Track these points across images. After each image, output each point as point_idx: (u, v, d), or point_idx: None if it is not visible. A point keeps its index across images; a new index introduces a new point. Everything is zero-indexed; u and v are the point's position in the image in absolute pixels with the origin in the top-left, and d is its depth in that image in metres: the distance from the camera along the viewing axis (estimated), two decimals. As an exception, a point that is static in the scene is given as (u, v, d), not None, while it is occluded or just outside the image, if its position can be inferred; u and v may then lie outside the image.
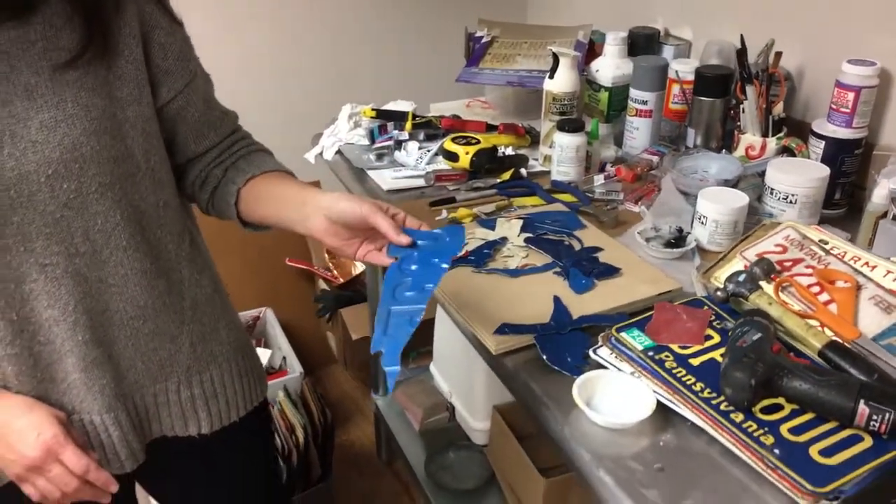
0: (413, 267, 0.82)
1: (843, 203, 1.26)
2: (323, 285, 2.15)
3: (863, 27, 1.25)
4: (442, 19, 2.02)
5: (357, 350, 2.05)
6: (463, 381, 1.69)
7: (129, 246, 0.81)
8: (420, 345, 1.89)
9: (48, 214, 0.74)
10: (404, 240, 0.81)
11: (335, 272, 2.14)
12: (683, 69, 1.42)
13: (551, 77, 1.39)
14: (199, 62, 0.87)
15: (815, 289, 0.91)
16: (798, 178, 1.16)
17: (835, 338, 0.85)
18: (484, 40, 1.68)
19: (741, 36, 1.28)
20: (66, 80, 0.72)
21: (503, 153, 1.43)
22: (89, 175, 0.75)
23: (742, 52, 1.28)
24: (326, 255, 2.17)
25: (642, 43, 1.55)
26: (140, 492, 1.05)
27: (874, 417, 0.73)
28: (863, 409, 0.73)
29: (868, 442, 0.74)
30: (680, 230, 1.17)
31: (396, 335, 0.77)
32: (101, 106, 0.75)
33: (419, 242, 0.83)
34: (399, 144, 1.49)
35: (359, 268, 2.09)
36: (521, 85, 1.52)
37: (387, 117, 1.53)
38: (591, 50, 1.60)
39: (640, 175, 1.37)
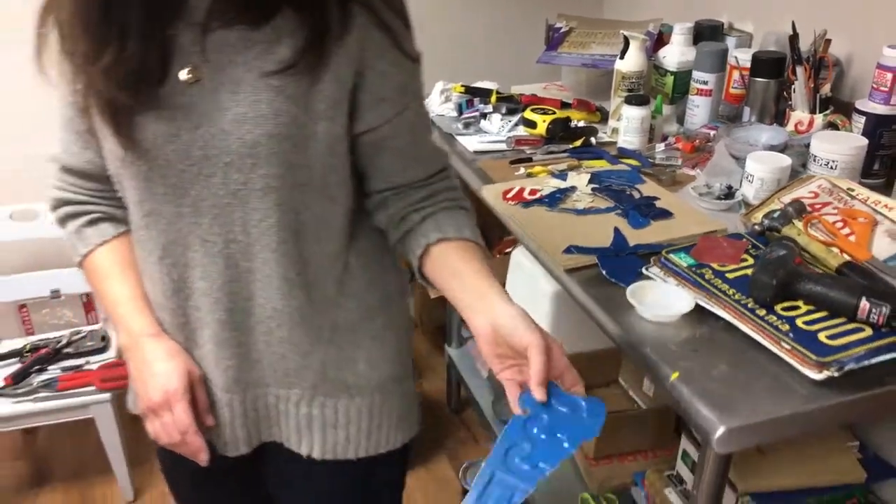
0: (537, 431, 0.76)
1: (881, 174, 1.40)
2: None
3: (906, 17, 1.40)
4: (525, 12, 2.24)
5: (433, 310, 2.27)
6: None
7: (278, 250, 0.83)
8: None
9: (218, 197, 0.80)
10: (538, 395, 0.75)
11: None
12: (743, 57, 1.59)
13: (622, 58, 1.59)
14: (421, 100, 0.88)
15: (839, 224, 1.08)
16: (838, 146, 1.31)
17: (850, 259, 1.02)
18: (562, 30, 1.89)
19: (793, 23, 1.44)
20: (269, 84, 0.76)
21: (575, 125, 1.63)
22: (258, 174, 0.78)
23: (794, 38, 1.45)
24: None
25: (707, 34, 1.72)
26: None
27: (873, 311, 0.90)
28: (864, 304, 0.90)
29: (868, 332, 0.91)
30: (729, 187, 1.35)
31: None
32: (292, 114, 0.77)
33: (555, 404, 0.77)
34: (484, 116, 1.71)
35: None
36: (594, 66, 1.72)
37: (474, 93, 1.76)
38: (660, 40, 1.78)
39: (698, 146, 1.54)
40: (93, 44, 0.75)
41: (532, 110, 1.60)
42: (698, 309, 1.02)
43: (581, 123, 1.65)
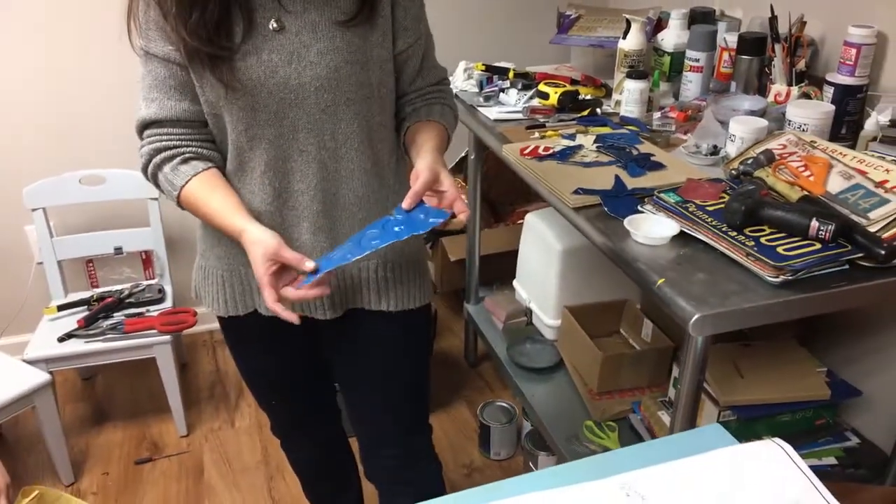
0: (389, 226, 1.00)
1: (848, 137, 1.61)
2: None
3: (870, 1, 1.62)
4: (538, 1, 2.47)
5: (452, 272, 2.50)
6: (539, 290, 2.12)
7: (359, 149, 1.09)
8: (506, 277, 2.33)
9: (311, 115, 1.04)
10: (405, 203, 1.00)
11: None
12: (731, 39, 1.81)
13: (624, 38, 1.81)
14: (427, 24, 1.15)
15: (801, 168, 1.30)
16: (810, 112, 1.53)
17: (807, 194, 1.24)
18: (572, 17, 2.11)
19: (771, 6, 1.66)
20: (339, 23, 1.02)
21: (583, 97, 1.86)
22: (342, 91, 1.04)
23: (773, 20, 1.66)
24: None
25: (700, 19, 1.94)
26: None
27: (822, 229, 1.12)
28: (814, 223, 1.12)
29: (818, 246, 1.13)
30: (715, 147, 1.57)
31: (333, 264, 1.00)
32: (357, 44, 1.03)
33: (417, 212, 1.00)
34: (502, 90, 1.93)
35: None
36: (600, 46, 1.95)
37: (493, 71, 1.99)
38: (659, 25, 2.00)
39: (690, 115, 1.76)
40: (181, 7, 0.95)
41: (545, 84, 1.82)
42: (682, 235, 1.24)
43: (588, 97, 1.88)
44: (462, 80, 2.01)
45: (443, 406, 2.30)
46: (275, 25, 1.00)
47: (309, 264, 1.00)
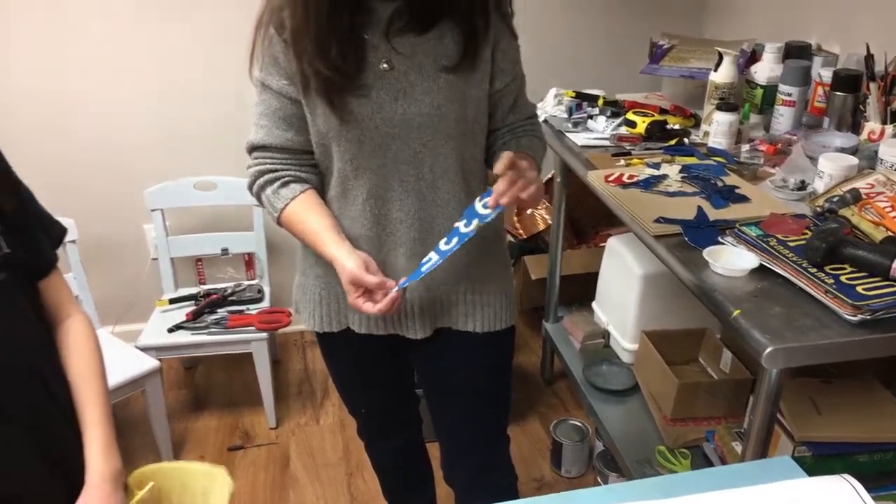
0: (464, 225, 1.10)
1: (945, 178, 1.60)
2: (510, 239, 2.68)
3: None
4: (631, 30, 2.52)
5: (533, 290, 2.56)
6: (618, 313, 2.16)
7: (454, 180, 1.17)
8: (585, 298, 2.38)
9: (412, 148, 1.13)
10: (491, 202, 1.07)
11: (520, 229, 2.67)
12: (826, 74, 1.81)
13: (715, 70, 1.84)
14: (521, 65, 1.23)
15: (888, 208, 1.31)
16: (902, 151, 1.52)
17: (892, 234, 1.25)
18: (665, 47, 2.15)
19: (867, 44, 1.66)
20: (443, 68, 1.11)
21: (671, 127, 1.89)
22: (442, 127, 1.12)
23: (869, 58, 1.66)
24: (514, 218, 2.71)
25: (795, 53, 1.94)
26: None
27: (903, 271, 1.13)
28: (895, 266, 1.13)
29: (898, 288, 1.14)
30: (803, 182, 1.58)
31: (412, 278, 1.11)
32: (458, 85, 1.12)
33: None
34: (590, 117, 2.00)
35: (540, 225, 2.61)
36: (691, 77, 1.98)
37: (583, 98, 2.05)
38: (753, 57, 2.02)
39: (780, 149, 1.77)
40: (314, 45, 1.06)
41: (634, 112, 1.88)
42: (761, 269, 1.27)
43: (676, 126, 1.91)
44: (552, 106, 2.08)
45: (516, 420, 2.36)
46: (385, 66, 1.10)
47: (390, 283, 1.11)
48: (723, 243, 1.35)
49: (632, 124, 1.86)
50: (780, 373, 1.16)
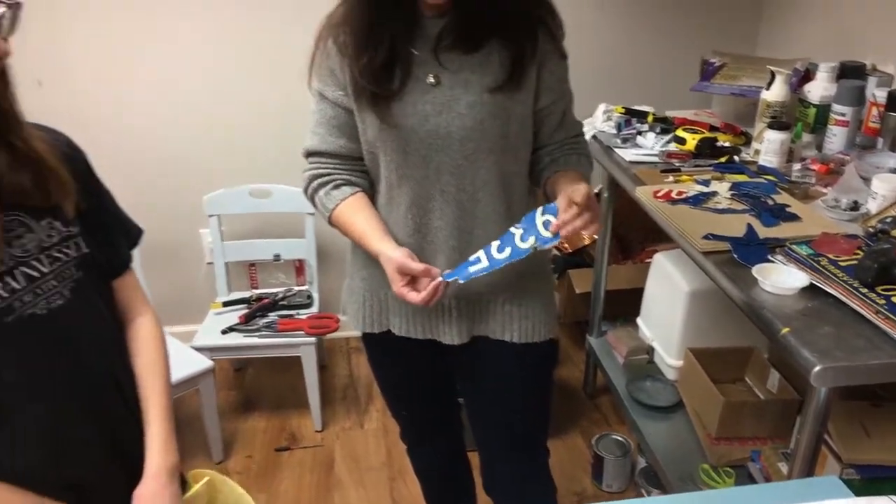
0: (521, 237, 1.12)
1: None
2: (555, 252, 2.70)
3: None
4: (681, 48, 2.52)
5: (577, 304, 2.58)
6: (663, 329, 2.16)
7: (494, 193, 1.20)
8: (629, 314, 2.38)
9: (454, 160, 1.16)
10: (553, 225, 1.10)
11: (566, 243, 2.69)
12: (881, 94, 1.79)
13: (767, 89, 1.84)
14: (569, 83, 1.25)
15: (944, 230, 1.30)
16: (961, 173, 1.51)
17: (948, 257, 1.23)
18: (716, 65, 2.16)
19: (925, 64, 1.64)
20: (488, 87, 1.14)
21: (721, 144, 1.90)
22: (484, 141, 1.15)
23: (927, 78, 1.65)
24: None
25: (849, 73, 1.93)
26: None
27: (958, 293, 1.12)
28: (950, 287, 1.13)
29: (952, 310, 1.13)
30: (855, 203, 1.57)
31: (458, 276, 1.14)
32: (502, 102, 1.14)
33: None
34: (639, 133, 2.01)
35: (586, 240, 2.62)
36: (742, 95, 1.98)
37: (633, 114, 2.07)
38: (806, 76, 2.01)
39: (832, 169, 1.76)
40: (359, 51, 1.12)
41: (683, 129, 1.89)
42: (811, 288, 1.27)
43: (727, 144, 1.92)
44: (601, 122, 2.10)
45: (558, 434, 2.37)
46: (432, 80, 1.14)
47: (434, 272, 1.15)
48: (772, 261, 1.35)
49: (681, 141, 1.87)
50: (828, 392, 1.16)
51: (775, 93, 1.83)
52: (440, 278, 1.15)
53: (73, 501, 0.92)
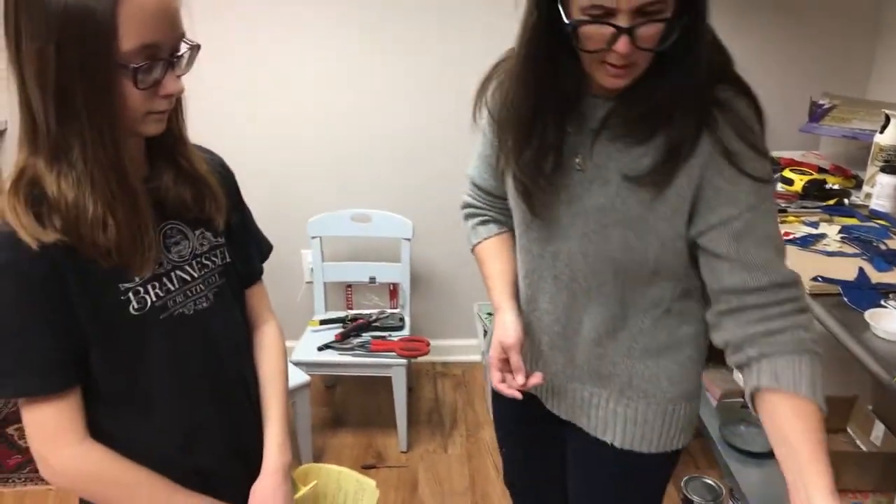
0: None
1: None
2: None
3: None
4: (790, 87, 2.47)
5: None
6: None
7: (608, 295, 1.06)
8: (720, 354, 2.32)
9: (572, 250, 1.05)
10: None
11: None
12: None
13: (881, 132, 1.80)
14: (757, 212, 0.93)
15: None
16: None
17: None
18: (825, 106, 2.12)
19: None
20: (629, 185, 0.97)
21: (830, 187, 1.86)
22: (604, 242, 1.01)
23: None
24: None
25: (972, 117, 1.86)
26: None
27: None
28: None
29: None
30: (977, 251, 1.51)
31: None
32: (638, 211, 0.97)
33: None
34: (744, 173, 1.99)
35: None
36: (854, 137, 1.94)
37: (736, 154, 2.05)
38: (922, 120, 1.95)
39: (951, 216, 1.70)
40: (518, 145, 1.03)
41: (791, 170, 1.86)
42: (930, 335, 1.23)
43: (836, 187, 1.87)
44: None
45: (644, 473, 2.32)
46: (578, 165, 1.02)
47: (520, 380, 1.06)
48: (886, 307, 1.32)
49: (789, 182, 1.84)
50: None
51: (890, 136, 1.78)
52: (536, 380, 1.08)
53: (199, 487, 1.00)
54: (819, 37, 2.43)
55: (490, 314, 2.67)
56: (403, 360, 2.32)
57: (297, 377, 2.22)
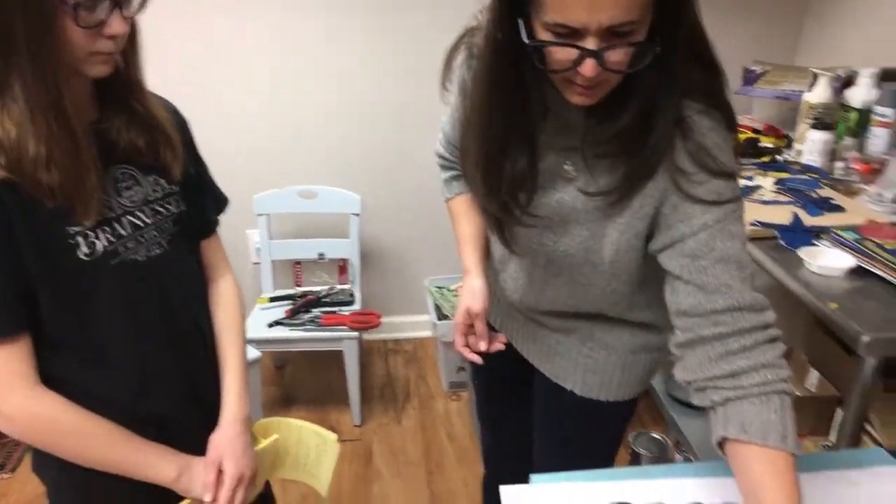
0: None
1: None
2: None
3: None
4: (723, 57, 2.57)
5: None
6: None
7: (566, 283, 1.08)
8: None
9: (530, 240, 1.05)
10: None
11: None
12: (924, 98, 1.83)
13: (810, 90, 1.88)
14: (710, 232, 0.87)
15: None
16: None
17: None
18: (757, 72, 2.20)
19: (968, 64, 1.68)
20: (586, 199, 0.96)
21: (764, 146, 1.94)
22: (561, 243, 1.02)
23: (970, 78, 1.68)
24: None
25: (891, 78, 1.96)
26: None
27: None
28: None
29: None
30: (899, 197, 1.60)
31: None
32: (592, 211, 0.97)
33: None
34: (682, 136, 2.06)
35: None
36: (786, 98, 2.02)
37: (675, 118, 2.12)
38: (846, 83, 2.05)
39: (874, 169, 1.79)
40: (485, 180, 0.97)
41: (726, 131, 1.93)
42: (858, 270, 1.30)
43: (769, 145, 1.96)
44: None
45: (594, 435, 2.38)
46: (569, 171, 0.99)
47: (482, 346, 1.10)
48: (818, 245, 1.38)
49: (724, 141, 1.91)
50: (875, 364, 1.19)
51: (818, 94, 1.87)
52: (498, 346, 1.12)
53: (155, 435, 0.98)
54: (750, 8, 2.52)
55: (439, 288, 2.69)
56: (355, 333, 2.31)
57: (250, 354, 2.18)
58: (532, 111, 0.91)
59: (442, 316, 2.55)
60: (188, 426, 1.04)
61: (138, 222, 0.97)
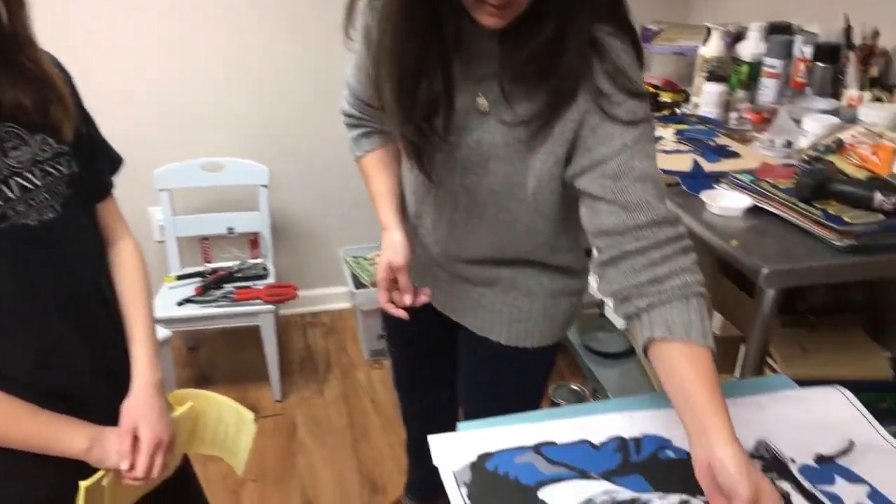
0: None
1: (918, 138, 1.71)
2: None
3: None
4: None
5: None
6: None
7: (487, 229, 1.10)
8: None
9: (453, 180, 1.05)
10: None
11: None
12: (807, 51, 1.93)
13: (704, 45, 1.95)
14: (627, 154, 0.89)
15: (869, 153, 1.42)
16: (881, 113, 1.64)
17: (873, 174, 1.35)
18: (654, 31, 2.27)
19: (845, 15, 1.78)
20: (506, 125, 0.96)
21: (663, 101, 2.00)
22: (485, 178, 1.02)
23: (848, 29, 1.79)
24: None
25: (778, 31, 2.07)
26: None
27: (885, 200, 1.23)
28: (877, 195, 1.24)
29: (881, 217, 1.25)
30: (789, 142, 1.69)
31: None
32: (516, 146, 0.97)
33: None
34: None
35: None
36: (682, 54, 2.10)
37: (579, 77, 2.16)
38: (737, 39, 2.14)
39: (765, 118, 1.89)
40: (400, 104, 0.95)
41: (628, 86, 1.98)
42: (755, 210, 1.37)
43: (668, 100, 2.02)
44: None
45: (515, 392, 2.43)
46: (484, 107, 0.99)
47: (407, 300, 1.10)
48: (717, 188, 1.45)
49: (626, 96, 1.96)
50: (774, 296, 1.26)
51: (712, 48, 1.94)
52: (423, 298, 1.12)
53: (62, 408, 0.93)
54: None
55: (356, 258, 2.66)
56: (271, 307, 2.26)
57: (159, 333, 2.09)
58: (446, 40, 0.91)
59: (360, 285, 2.52)
60: (98, 398, 0.99)
61: (27, 184, 0.90)
